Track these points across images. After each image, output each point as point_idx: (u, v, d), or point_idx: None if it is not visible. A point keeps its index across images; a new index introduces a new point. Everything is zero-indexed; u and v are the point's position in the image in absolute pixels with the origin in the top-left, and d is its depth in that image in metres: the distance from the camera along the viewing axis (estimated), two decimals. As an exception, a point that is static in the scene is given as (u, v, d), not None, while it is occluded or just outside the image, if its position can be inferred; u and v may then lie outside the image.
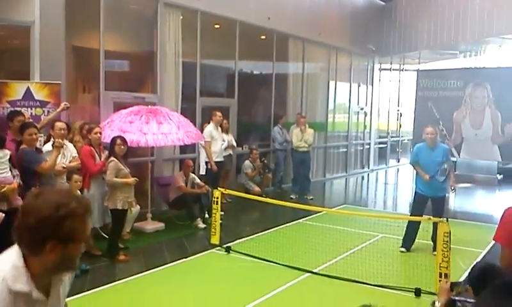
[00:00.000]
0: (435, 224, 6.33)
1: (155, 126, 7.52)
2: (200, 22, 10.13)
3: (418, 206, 7.17)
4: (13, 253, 1.62)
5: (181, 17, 9.79)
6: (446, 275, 5.45)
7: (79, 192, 6.13)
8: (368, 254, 6.93)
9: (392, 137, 18.62)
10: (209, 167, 9.06)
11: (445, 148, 7.17)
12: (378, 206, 11.78)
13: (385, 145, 18.31)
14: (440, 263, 5.53)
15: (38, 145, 5.89)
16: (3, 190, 5.04)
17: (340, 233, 7.95)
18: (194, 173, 8.98)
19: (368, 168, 17.21)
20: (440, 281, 5.46)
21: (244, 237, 7.81)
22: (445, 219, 5.88)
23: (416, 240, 7.28)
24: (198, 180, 8.81)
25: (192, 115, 9.77)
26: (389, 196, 13.76)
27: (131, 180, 6.58)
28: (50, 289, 1.68)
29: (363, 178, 16.20)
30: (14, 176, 5.24)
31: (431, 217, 6.28)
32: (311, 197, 11.32)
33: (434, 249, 6.22)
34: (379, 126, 18.20)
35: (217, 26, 11.16)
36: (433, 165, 6.92)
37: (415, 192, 7.27)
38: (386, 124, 18.44)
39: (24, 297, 1.58)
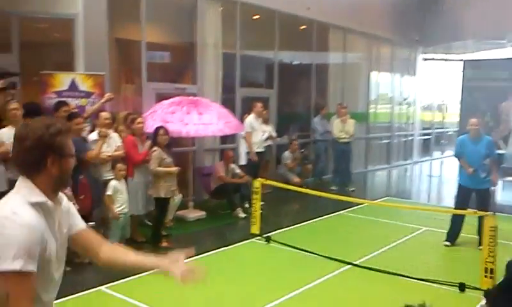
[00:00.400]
0: (481, 218, 6.16)
1: (196, 117, 7.58)
2: (240, 13, 10.12)
3: (462, 199, 6.94)
4: (19, 183, 1.85)
5: (221, 8, 9.81)
6: (492, 271, 5.26)
7: (123, 180, 6.28)
8: (412, 248, 6.78)
9: (436, 128, 18.14)
10: (250, 157, 9.08)
11: (489, 140, 6.92)
12: (422, 198, 11.52)
13: (429, 137, 17.87)
14: (486, 258, 5.34)
15: (83, 134, 6.04)
16: None
17: (382, 225, 7.81)
18: (234, 163, 9.01)
19: (412, 160, 16.84)
20: (485, 276, 5.28)
21: (284, 227, 7.79)
22: (491, 212, 5.67)
23: (461, 234, 7.05)
24: (238, 170, 8.84)
25: (232, 106, 9.80)
26: (433, 189, 13.43)
27: (174, 169, 6.68)
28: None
29: (406, 170, 15.87)
30: None
31: (477, 211, 6.08)
32: (352, 188, 11.18)
33: (480, 243, 6.03)
34: (423, 118, 17.77)
35: (256, 17, 11.12)
36: (477, 158, 6.72)
37: (459, 185, 7.06)
38: (431, 115, 17.98)
39: (42, 206, 1.80)
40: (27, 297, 1.71)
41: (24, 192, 1.80)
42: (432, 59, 17.81)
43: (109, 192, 6.05)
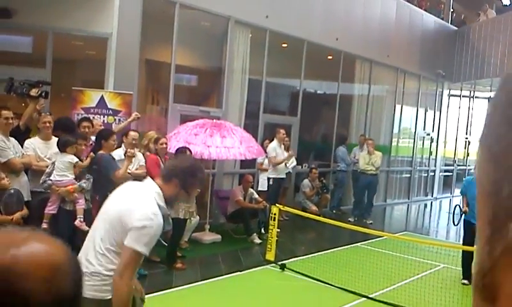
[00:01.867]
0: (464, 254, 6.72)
1: (218, 140, 7.69)
2: (268, 41, 10.30)
3: (467, 233, 7.26)
4: (151, 185, 2.78)
5: (250, 35, 10.00)
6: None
7: None
8: (429, 284, 6.69)
9: (458, 165, 17.94)
10: (271, 183, 9.14)
11: None
12: (440, 235, 11.37)
13: (451, 173, 17.67)
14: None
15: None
16: (58, 191, 5.33)
17: (400, 259, 7.73)
18: (252, 188, 9.07)
19: (432, 196, 16.65)
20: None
21: (299, 256, 7.77)
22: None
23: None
24: (256, 195, 8.88)
25: (254, 131, 9.91)
26: (452, 226, 13.21)
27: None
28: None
29: (425, 205, 15.69)
30: (79, 180, 5.50)
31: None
32: (370, 221, 11.10)
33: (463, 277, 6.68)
34: (446, 154, 17.61)
35: (284, 45, 11.29)
36: None
37: (464, 220, 7.31)
38: (453, 152, 17.81)
39: (161, 210, 2.66)
40: (135, 268, 2.65)
41: (156, 196, 2.70)
42: (459, 95, 17.72)
43: None
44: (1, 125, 5.18)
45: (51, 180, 5.35)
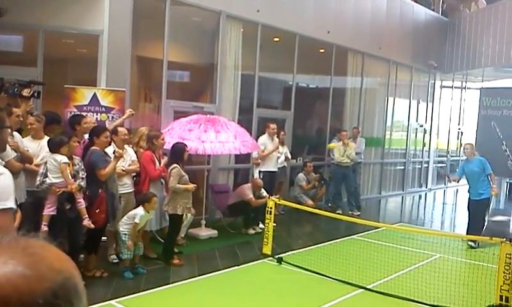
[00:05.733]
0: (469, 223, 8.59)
1: (213, 135, 7.68)
2: (260, 35, 10.28)
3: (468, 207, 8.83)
4: None
5: (242, 30, 9.98)
6: (507, 299, 5.22)
7: (152, 211, 6.29)
8: (425, 274, 6.72)
9: (451, 156, 18.03)
10: (261, 177, 9.15)
11: (480, 160, 8.66)
12: (435, 226, 11.42)
13: (444, 164, 17.75)
14: (501, 286, 5.30)
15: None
16: (58, 193, 5.31)
17: (396, 250, 7.77)
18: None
19: (426, 187, 16.73)
20: (500, 304, 5.24)
21: (296, 249, 7.78)
22: (507, 239, 5.64)
23: (478, 263, 7.03)
24: (265, 193, 8.80)
25: (248, 126, 9.89)
26: (447, 217, 13.31)
27: (191, 186, 6.76)
28: None
29: (420, 197, 15.77)
30: (76, 179, 5.47)
31: (493, 238, 6.05)
32: (358, 213, 11.07)
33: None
34: (439, 145, 17.69)
35: (276, 39, 11.27)
36: (472, 174, 8.61)
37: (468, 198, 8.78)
38: (446, 143, 17.89)
39: None
40: None
41: None
42: (451, 86, 17.78)
43: (136, 221, 6.00)
44: (13, 123, 5.16)
45: (47, 181, 5.32)
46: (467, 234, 8.27)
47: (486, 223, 8.98)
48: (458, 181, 10.00)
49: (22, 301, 0.68)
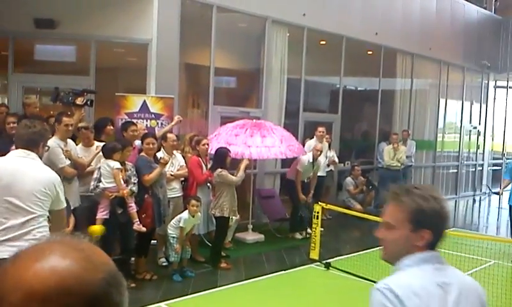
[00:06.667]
0: None
1: (258, 140, 7.70)
2: (306, 39, 10.24)
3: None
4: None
5: (288, 34, 9.98)
6: None
7: (198, 215, 6.39)
8: (479, 280, 6.42)
9: (507, 158, 17.30)
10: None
11: None
12: (490, 231, 11.00)
13: (500, 167, 17.06)
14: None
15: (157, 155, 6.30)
16: (111, 197, 5.48)
17: (448, 256, 7.48)
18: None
19: (481, 191, 16.12)
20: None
21: (344, 254, 7.69)
22: None
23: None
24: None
25: (294, 130, 9.86)
26: (503, 221, 12.75)
27: (246, 161, 7.06)
28: None
29: (474, 201, 15.21)
30: (128, 184, 5.63)
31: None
32: None
33: None
34: (494, 147, 17.02)
35: (323, 42, 11.20)
36: None
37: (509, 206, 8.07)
38: (502, 144, 17.19)
39: None
40: None
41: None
42: (505, 86, 17.09)
43: (181, 225, 6.10)
44: (61, 131, 5.37)
45: (100, 186, 5.51)
46: None
47: None
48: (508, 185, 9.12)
49: (83, 290, 0.77)
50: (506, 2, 17.02)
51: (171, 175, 6.49)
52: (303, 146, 9.08)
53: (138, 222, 5.58)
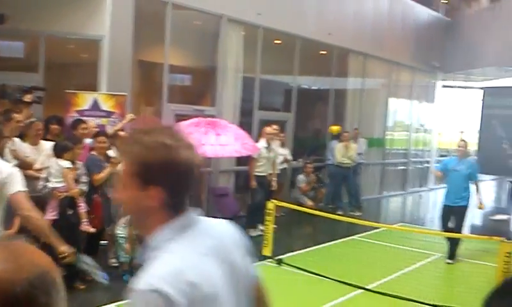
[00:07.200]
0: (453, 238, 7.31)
1: (213, 138, 7.73)
2: (261, 38, 10.33)
3: (444, 217, 7.71)
4: None
5: (243, 33, 10.04)
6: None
7: None
8: (425, 274, 6.79)
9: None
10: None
11: (472, 163, 7.84)
12: (436, 225, 11.43)
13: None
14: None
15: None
16: (60, 197, 5.40)
17: (396, 251, 7.82)
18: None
19: (427, 187, 16.73)
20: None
21: (296, 250, 7.84)
22: (506, 238, 5.74)
23: (475, 262, 7.09)
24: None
25: (249, 128, 9.95)
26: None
27: None
28: None
29: (421, 196, 15.78)
30: (78, 184, 5.55)
31: (493, 237, 6.11)
32: (358, 213, 11.10)
33: (448, 257, 7.37)
34: (441, 145, 17.70)
35: (277, 42, 11.33)
36: (458, 176, 7.43)
37: (442, 205, 7.81)
38: (448, 142, 17.90)
39: None
40: None
41: None
42: (452, 86, 17.79)
43: None
44: (13, 128, 5.23)
45: (49, 186, 5.41)
46: (453, 251, 7.47)
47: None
48: (440, 178, 8.86)
49: (2, 288, 0.79)
50: (454, 4, 17.71)
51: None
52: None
53: (87, 223, 5.52)
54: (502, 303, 0.70)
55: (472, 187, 7.48)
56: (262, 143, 8.82)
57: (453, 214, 7.49)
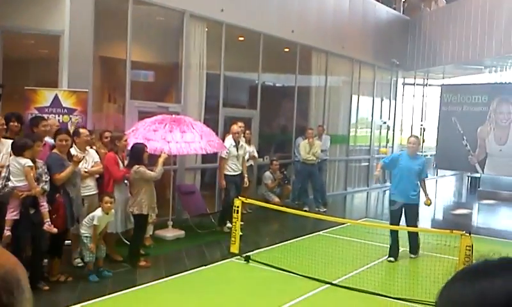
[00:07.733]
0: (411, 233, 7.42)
1: (178, 135, 7.65)
2: (225, 34, 10.27)
3: (393, 212, 7.62)
4: None
5: (206, 29, 9.95)
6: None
7: (112, 212, 6.19)
8: (389, 267, 6.89)
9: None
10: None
11: (423, 160, 7.70)
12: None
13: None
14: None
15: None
16: (21, 196, 5.21)
17: (361, 245, 7.91)
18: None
19: (391, 182, 17.01)
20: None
21: (263, 247, 7.84)
22: (467, 232, 5.87)
23: (437, 255, 7.23)
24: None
25: (214, 125, 9.88)
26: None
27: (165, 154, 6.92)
28: None
29: (384, 192, 16.05)
30: (39, 182, 5.36)
31: (454, 231, 6.25)
32: (324, 210, 11.21)
33: (411, 251, 7.51)
34: (402, 141, 18.06)
35: (241, 38, 11.29)
36: (408, 173, 7.34)
37: (390, 200, 7.71)
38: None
39: None
40: None
41: None
42: (413, 83, 18.19)
43: (95, 223, 5.91)
44: None
45: (9, 185, 5.20)
46: (413, 247, 7.59)
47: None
48: (380, 172, 8.74)
49: None
50: (413, 3, 18.09)
51: (85, 172, 6.26)
52: (223, 141, 9.12)
53: (49, 223, 5.34)
54: (451, 290, 0.78)
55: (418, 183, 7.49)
56: (230, 142, 8.77)
57: (405, 211, 7.43)
